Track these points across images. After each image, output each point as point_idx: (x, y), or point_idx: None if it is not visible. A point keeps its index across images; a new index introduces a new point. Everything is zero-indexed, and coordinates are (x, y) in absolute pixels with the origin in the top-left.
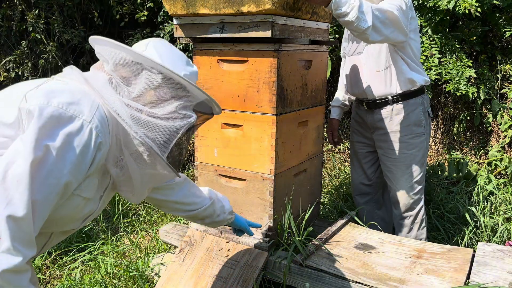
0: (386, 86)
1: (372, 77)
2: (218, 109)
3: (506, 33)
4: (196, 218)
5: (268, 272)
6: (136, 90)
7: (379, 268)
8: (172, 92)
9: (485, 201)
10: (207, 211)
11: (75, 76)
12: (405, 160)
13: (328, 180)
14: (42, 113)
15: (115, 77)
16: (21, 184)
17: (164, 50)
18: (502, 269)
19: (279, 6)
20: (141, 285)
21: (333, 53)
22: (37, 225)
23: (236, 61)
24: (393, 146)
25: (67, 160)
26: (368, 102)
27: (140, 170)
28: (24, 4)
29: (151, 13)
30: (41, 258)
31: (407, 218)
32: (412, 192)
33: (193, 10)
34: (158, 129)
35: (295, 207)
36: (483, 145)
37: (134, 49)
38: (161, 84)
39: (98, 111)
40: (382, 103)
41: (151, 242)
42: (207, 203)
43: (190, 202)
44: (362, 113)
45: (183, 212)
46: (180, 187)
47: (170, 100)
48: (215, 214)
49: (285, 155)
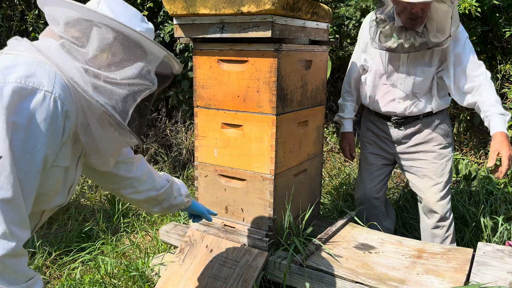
0: (420, 108)
1: (407, 99)
2: (178, 67)
3: (506, 33)
4: (155, 202)
5: (268, 272)
6: (90, 50)
7: (379, 268)
8: (129, 51)
9: (485, 201)
10: (166, 192)
11: (25, 47)
12: (437, 169)
13: (328, 180)
14: (2, 92)
15: (66, 39)
16: (4, 168)
17: (117, 6)
18: (502, 269)
19: (279, 6)
20: (141, 285)
21: (333, 53)
22: (28, 203)
23: (236, 61)
24: (424, 156)
25: (39, 134)
26: (397, 119)
27: (105, 135)
28: (24, 4)
29: (151, 13)
30: (41, 258)
31: (440, 228)
32: (445, 201)
33: (193, 10)
34: (118, 95)
35: (295, 207)
36: (483, 145)
37: (85, 6)
38: (116, 42)
39: (57, 79)
40: (412, 119)
41: (151, 242)
42: (166, 184)
43: (150, 180)
44: (384, 127)
45: (143, 194)
46: (140, 162)
47: (128, 61)
48: (173, 196)
49: (285, 155)
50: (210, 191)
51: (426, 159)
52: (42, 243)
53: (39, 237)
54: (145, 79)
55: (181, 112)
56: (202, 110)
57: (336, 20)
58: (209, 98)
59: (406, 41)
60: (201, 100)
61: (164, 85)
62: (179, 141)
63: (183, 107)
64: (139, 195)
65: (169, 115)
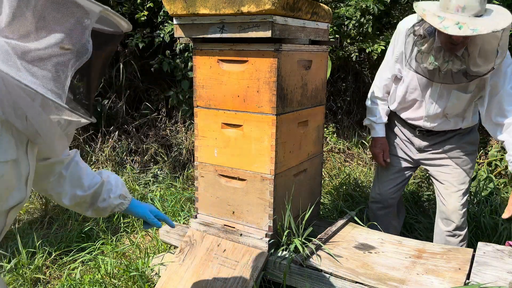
0: (449, 127)
1: (436, 118)
2: (126, 25)
3: None
4: (84, 204)
5: (268, 272)
6: (4, 16)
7: (379, 268)
8: (53, 8)
9: (485, 201)
10: (95, 192)
11: None
12: (459, 176)
13: (328, 180)
14: None
15: None
16: None
17: None
18: (502, 269)
19: (279, 6)
20: (141, 285)
21: (333, 53)
22: None
23: (236, 61)
24: (448, 162)
25: None
26: (422, 131)
27: (45, 118)
28: None
29: (151, 13)
30: (41, 258)
31: (455, 237)
32: (463, 210)
33: (193, 10)
34: (46, 70)
35: (295, 207)
36: (483, 145)
37: None
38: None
39: None
40: (440, 133)
41: (151, 242)
42: (98, 180)
43: (77, 179)
44: (409, 134)
45: (69, 195)
46: (75, 155)
47: (53, 23)
48: (101, 197)
49: (285, 155)
50: (210, 191)
51: (450, 165)
52: (42, 243)
53: (39, 237)
54: (77, 44)
55: (181, 112)
56: (202, 110)
57: (336, 20)
58: (209, 98)
59: (444, 64)
60: (201, 100)
61: (110, 48)
62: (179, 141)
63: (183, 107)
64: (66, 196)
65: (169, 115)
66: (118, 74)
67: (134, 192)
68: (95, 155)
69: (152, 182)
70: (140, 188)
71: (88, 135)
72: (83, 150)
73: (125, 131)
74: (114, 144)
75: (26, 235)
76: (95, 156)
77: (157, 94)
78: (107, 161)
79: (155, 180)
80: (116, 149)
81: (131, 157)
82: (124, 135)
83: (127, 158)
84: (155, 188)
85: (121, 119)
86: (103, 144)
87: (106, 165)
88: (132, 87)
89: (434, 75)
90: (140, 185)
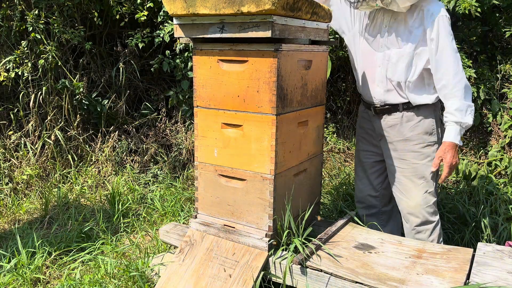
0: (398, 97)
1: (383, 82)
2: None
3: (506, 33)
4: None
5: (268, 272)
6: None
7: (379, 268)
8: None
9: (485, 201)
10: None
11: None
12: (417, 170)
13: (328, 180)
14: None
15: None
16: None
17: None
18: (502, 269)
19: (279, 6)
20: (141, 285)
21: (333, 53)
22: None
23: (236, 61)
24: (404, 156)
25: None
26: (376, 107)
27: None
28: (24, 4)
29: (151, 13)
30: (41, 258)
31: (422, 232)
32: (427, 205)
33: (193, 10)
34: None
35: (295, 207)
36: (483, 145)
37: None
38: None
39: None
40: (392, 109)
41: (151, 242)
42: None
43: None
44: (369, 118)
45: None
46: None
47: None
48: None
49: (285, 155)
50: (210, 191)
51: (405, 159)
52: (42, 243)
53: (39, 237)
54: None
55: (181, 112)
56: (202, 110)
57: None
58: (209, 98)
59: None
60: (201, 100)
61: None
62: (179, 141)
63: (183, 107)
64: None
65: (169, 115)
66: (118, 74)
67: (134, 192)
68: (95, 155)
69: (152, 182)
70: (140, 188)
71: (88, 135)
72: (83, 150)
73: (125, 131)
74: (114, 144)
75: (26, 235)
76: (95, 156)
77: (157, 94)
78: (107, 161)
79: (155, 180)
80: (116, 149)
81: (131, 157)
82: (124, 135)
83: (127, 158)
84: (155, 188)
85: (121, 119)
86: (103, 144)
87: (106, 165)
88: (132, 87)
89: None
90: (140, 185)
